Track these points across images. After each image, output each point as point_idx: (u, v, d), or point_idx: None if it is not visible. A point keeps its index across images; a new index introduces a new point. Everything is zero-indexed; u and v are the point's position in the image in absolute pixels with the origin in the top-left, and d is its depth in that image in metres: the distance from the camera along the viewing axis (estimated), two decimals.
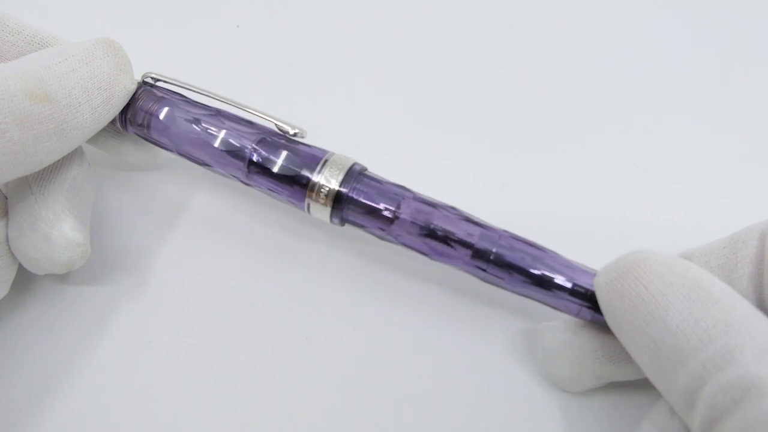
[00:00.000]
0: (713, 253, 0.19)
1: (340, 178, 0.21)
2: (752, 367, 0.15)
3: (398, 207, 0.21)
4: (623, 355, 0.19)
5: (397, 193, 0.21)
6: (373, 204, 0.21)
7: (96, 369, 0.22)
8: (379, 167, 0.23)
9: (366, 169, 0.22)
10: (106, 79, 0.21)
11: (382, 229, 0.21)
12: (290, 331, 0.23)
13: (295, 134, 0.22)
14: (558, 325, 0.21)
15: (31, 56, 0.20)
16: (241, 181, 0.23)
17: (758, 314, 0.16)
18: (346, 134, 0.27)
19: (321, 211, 0.22)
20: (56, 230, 0.20)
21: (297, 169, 0.22)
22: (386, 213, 0.21)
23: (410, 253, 0.22)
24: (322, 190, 0.21)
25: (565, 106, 0.29)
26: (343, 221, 0.22)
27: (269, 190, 0.22)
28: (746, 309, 0.16)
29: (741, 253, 0.18)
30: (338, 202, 0.21)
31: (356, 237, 0.25)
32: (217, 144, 0.22)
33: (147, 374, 0.22)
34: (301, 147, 0.22)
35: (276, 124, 0.22)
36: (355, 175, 0.21)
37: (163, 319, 0.23)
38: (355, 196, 0.21)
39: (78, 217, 0.21)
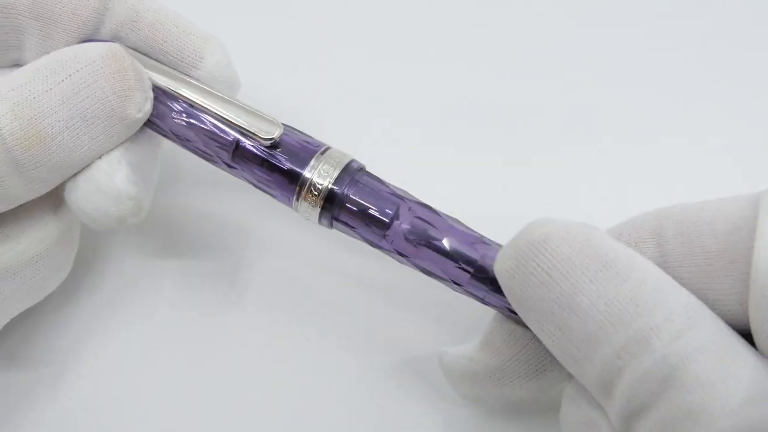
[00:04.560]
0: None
1: (335, 175, 0.19)
2: (669, 350, 0.14)
3: (396, 215, 0.19)
4: (523, 374, 0.18)
5: (393, 199, 0.19)
6: (369, 209, 0.19)
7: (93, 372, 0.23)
8: (379, 171, 0.21)
9: (364, 167, 0.20)
10: (108, 108, 0.18)
11: (371, 238, 0.19)
12: (289, 330, 0.23)
13: (269, 141, 0.19)
14: (455, 352, 0.19)
15: (21, 77, 0.18)
16: (227, 170, 0.21)
17: (671, 286, 0.15)
18: (344, 134, 0.26)
19: (309, 211, 0.19)
20: (108, 180, 0.18)
21: (287, 162, 0.19)
22: (377, 219, 0.19)
23: None
24: (314, 187, 0.19)
25: (569, 111, 0.28)
26: (333, 224, 0.20)
27: (253, 182, 0.20)
28: (658, 281, 0.15)
29: None
30: (330, 202, 0.19)
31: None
32: (203, 127, 0.20)
33: (144, 375, 0.22)
34: (293, 136, 0.20)
35: (243, 130, 0.19)
36: (352, 173, 0.19)
37: (158, 319, 0.23)
38: (350, 198, 0.19)
39: (136, 169, 0.19)
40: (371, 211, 0.19)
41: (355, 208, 0.19)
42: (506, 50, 0.30)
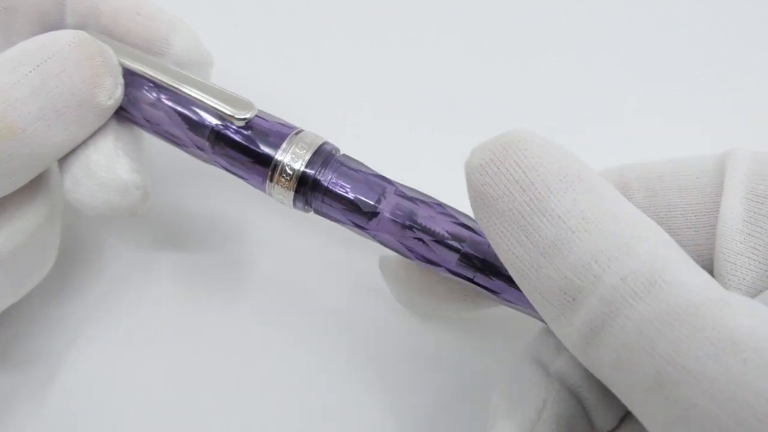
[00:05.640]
0: None
1: (307, 157, 0.19)
2: (654, 256, 0.13)
3: (378, 199, 0.18)
4: (443, 293, 0.19)
5: (376, 182, 0.19)
6: (344, 191, 0.19)
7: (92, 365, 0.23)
8: (364, 155, 0.21)
9: (338, 150, 0.20)
10: (79, 97, 0.18)
11: (356, 223, 0.19)
12: (285, 325, 0.23)
13: (242, 121, 0.19)
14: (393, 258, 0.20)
15: None
16: (204, 159, 0.21)
17: (640, 212, 0.14)
18: (326, 121, 0.26)
19: (283, 195, 0.19)
20: (111, 174, 0.18)
21: (258, 146, 0.19)
22: (361, 203, 0.18)
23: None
24: (286, 170, 0.19)
25: (559, 101, 0.28)
26: (308, 207, 0.20)
27: (225, 166, 0.20)
28: (629, 204, 0.14)
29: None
30: (303, 185, 0.19)
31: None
32: (178, 113, 0.20)
33: (137, 371, 0.22)
34: (267, 119, 0.20)
35: (217, 111, 0.19)
36: (325, 155, 0.19)
37: (150, 316, 0.23)
38: (323, 180, 0.19)
39: (132, 156, 0.19)
40: (356, 195, 0.19)
41: (340, 193, 0.19)
42: (491, 37, 0.30)
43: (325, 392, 0.22)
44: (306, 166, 0.19)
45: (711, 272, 0.15)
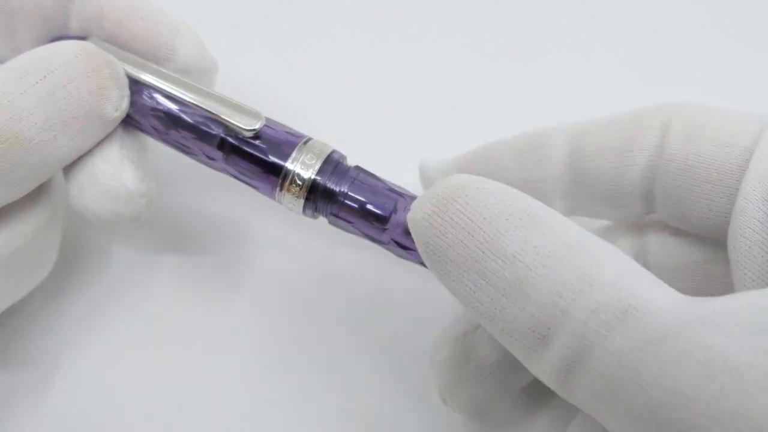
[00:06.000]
0: (608, 136, 0.18)
1: (317, 166, 0.19)
2: (619, 285, 0.13)
3: (392, 209, 0.18)
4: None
5: (390, 193, 0.19)
6: (358, 200, 0.19)
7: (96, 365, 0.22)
8: (373, 164, 0.21)
9: (345, 158, 0.20)
10: (85, 108, 0.18)
11: (369, 233, 0.19)
12: (286, 328, 0.23)
13: (251, 132, 0.19)
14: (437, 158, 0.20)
15: None
16: (214, 167, 0.21)
17: (594, 237, 0.14)
18: (341, 135, 0.26)
19: (293, 203, 0.19)
20: (116, 182, 0.18)
21: (268, 156, 0.19)
22: (375, 213, 0.18)
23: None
24: (297, 179, 0.19)
25: (561, 103, 0.28)
26: (317, 214, 0.20)
27: (234, 174, 0.20)
28: (581, 231, 0.14)
29: (637, 141, 0.17)
30: (313, 192, 0.19)
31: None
32: (187, 123, 0.20)
33: (137, 373, 0.22)
34: (275, 128, 0.20)
35: (225, 122, 0.19)
36: (333, 163, 0.19)
37: (150, 317, 0.23)
38: (336, 188, 0.19)
39: (137, 164, 0.19)
40: (370, 205, 0.19)
41: (354, 201, 0.19)
42: (493, 39, 0.30)
43: (325, 393, 0.22)
44: (316, 175, 0.19)
45: (723, 233, 0.16)
